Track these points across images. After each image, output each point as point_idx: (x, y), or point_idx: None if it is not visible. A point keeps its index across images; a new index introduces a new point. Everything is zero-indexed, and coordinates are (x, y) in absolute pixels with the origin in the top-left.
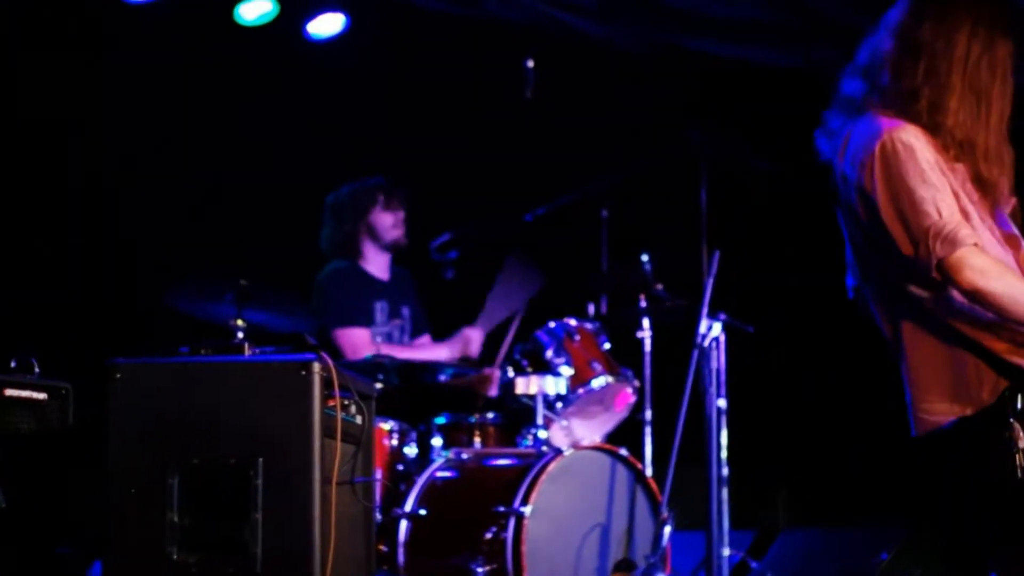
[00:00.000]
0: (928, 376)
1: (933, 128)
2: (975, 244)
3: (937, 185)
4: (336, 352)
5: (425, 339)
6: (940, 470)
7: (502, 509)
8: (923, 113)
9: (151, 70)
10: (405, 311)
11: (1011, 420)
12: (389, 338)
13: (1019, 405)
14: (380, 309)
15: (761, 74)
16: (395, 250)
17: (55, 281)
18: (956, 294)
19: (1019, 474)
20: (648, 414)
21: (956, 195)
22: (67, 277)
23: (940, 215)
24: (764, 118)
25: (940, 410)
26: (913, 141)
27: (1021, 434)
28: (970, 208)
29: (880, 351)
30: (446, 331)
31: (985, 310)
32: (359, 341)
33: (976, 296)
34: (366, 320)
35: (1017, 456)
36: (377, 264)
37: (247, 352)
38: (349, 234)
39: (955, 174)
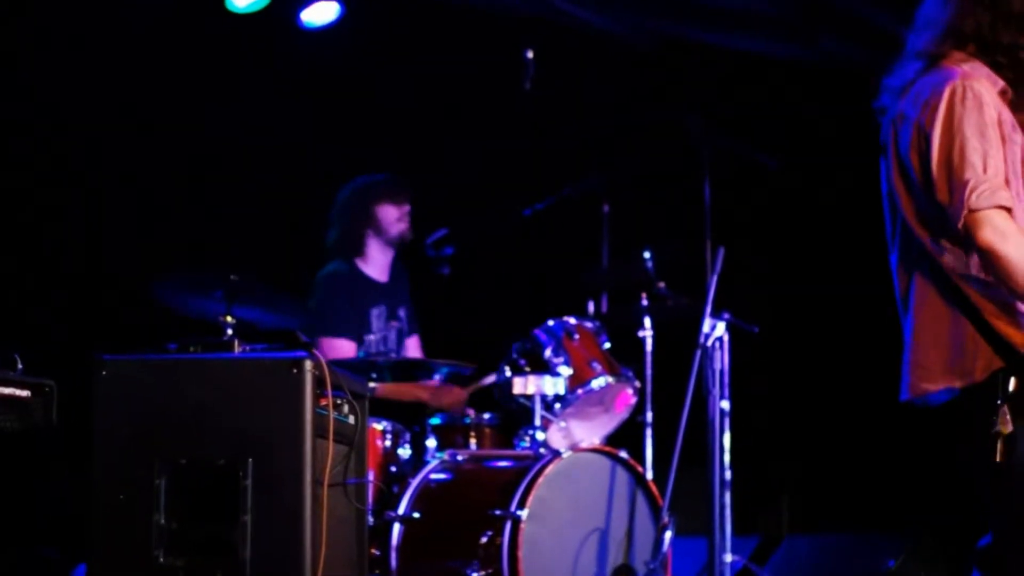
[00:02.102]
0: (929, 340)
1: (1006, 63)
2: (1008, 208)
3: (992, 142)
4: None
5: (414, 341)
6: (927, 438)
7: (498, 513)
8: (993, 49)
9: (141, 56)
10: (402, 312)
11: (999, 402)
12: (385, 342)
13: (1011, 388)
14: (377, 315)
15: (765, 67)
16: (400, 245)
17: (40, 275)
18: (974, 257)
19: (996, 457)
20: (649, 416)
21: (1006, 161)
22: (52, 271)
23: (985, 170)
24: (768, 112)
25: (932, 378)
26: (984, 95)
27: (1007, 419)
28: (1015, 182)
29: (887, 354)
30: (440, 330)
31: (992, 275)
32: (342, 353)
33: (989, 257)
34: (356, 330)
35: (998, 441)
36: (378, 264)
37: (237, 349)
38: (354, 230)
39: (1014, 145)
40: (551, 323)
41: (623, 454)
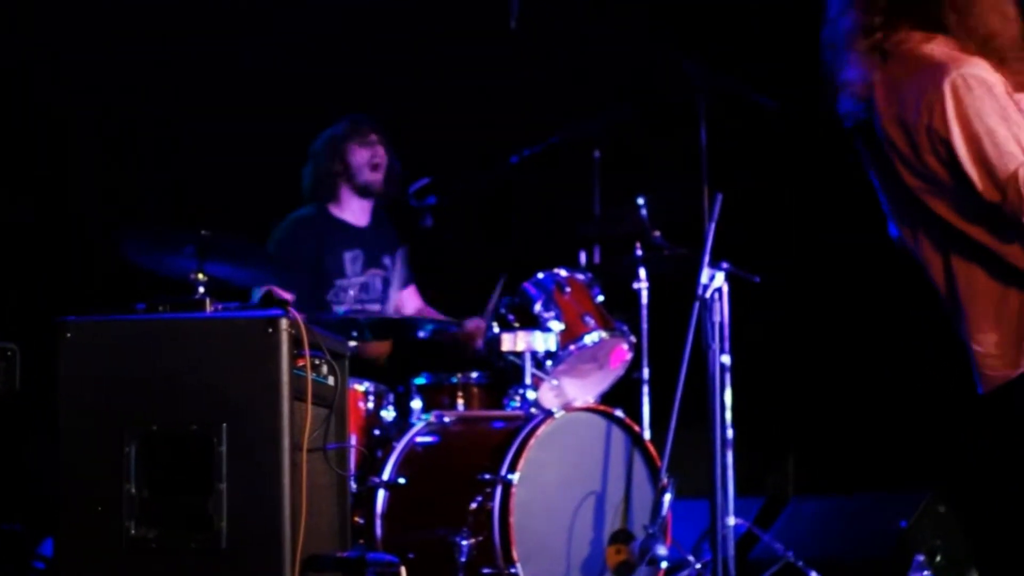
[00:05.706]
0: (989, 327)
1: (976, 41)
2: None
3: (1017, 121)
4: None
5: (409, 292)
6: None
7: (488, 477)
8: (957, 24)
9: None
10: (387, 261)
11: None
12: (366, 289)
13: None
14: (351, 258)
15: (764, 4)
16: (368, 195)
17: None
18: None
19: None
20: (646, 372)
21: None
22: (13, 227)
23: None
24: (767, 52)
25: (1014, 361)
26: (985, 75)
27: None
28: None
29: (897, 304)
30: (423, 284)
31: None
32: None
33: None
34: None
35: None
36: (353, 210)
37: (209, 308)
38: (326, 175)
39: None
40: (541, 276)
41: (619, 413)
